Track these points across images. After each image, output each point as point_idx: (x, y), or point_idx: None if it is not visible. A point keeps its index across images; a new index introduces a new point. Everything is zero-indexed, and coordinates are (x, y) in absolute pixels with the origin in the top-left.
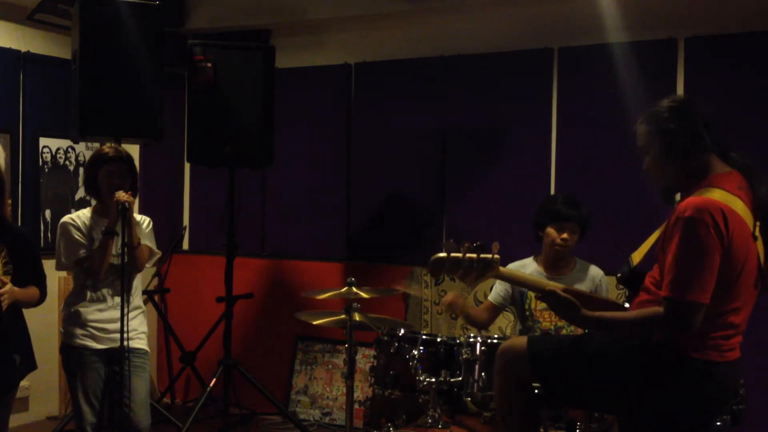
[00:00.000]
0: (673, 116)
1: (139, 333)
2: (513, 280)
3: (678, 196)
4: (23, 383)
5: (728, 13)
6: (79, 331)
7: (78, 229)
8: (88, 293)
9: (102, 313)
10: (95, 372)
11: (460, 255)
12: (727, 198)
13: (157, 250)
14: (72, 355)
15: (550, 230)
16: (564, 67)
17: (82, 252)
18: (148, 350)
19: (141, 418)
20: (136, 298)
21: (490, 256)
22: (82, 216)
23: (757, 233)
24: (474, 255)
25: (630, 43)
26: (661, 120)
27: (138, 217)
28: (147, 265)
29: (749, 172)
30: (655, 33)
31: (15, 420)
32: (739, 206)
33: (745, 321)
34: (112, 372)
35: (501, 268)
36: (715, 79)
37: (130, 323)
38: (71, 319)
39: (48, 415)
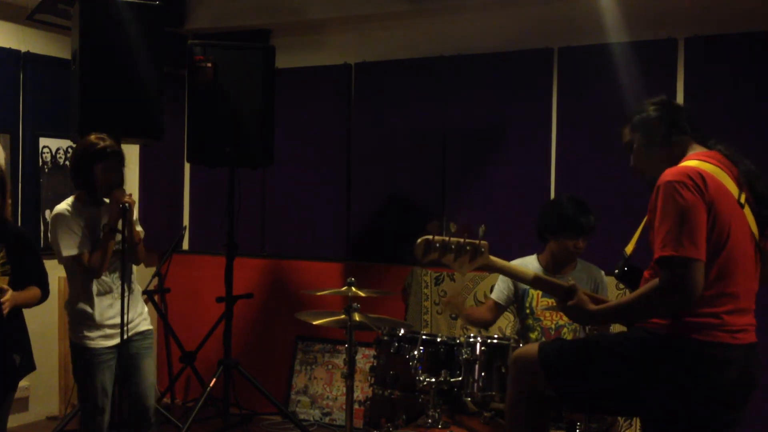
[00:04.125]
0: (652, 108)
1: (144, 314)
2: (505, 271)
3: None
4: (23, 383)
5: (728, 13)
6: (92, 333)
7: (74, 221)
8: (94, 287)
9: (112, 309)
10: (110, 369)
11: (446, 238)
12: (703, 165)
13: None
14: (84, 356)
15: (566, 240)
16: (564, 67)
17: (83, 247)
18: (152, 328)
19: (149, 399)
20: (135, 284)
21: (477, 241)
22: (71, 207)
23: (743, 200)
24: (460, 239)
25: (630, 43)
26: (641, 112)
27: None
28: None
29: (729, 151)
30: (655, 33)
31: (15, 420)
32: (718, 173)
33: (748, 295)
34: (123, 361)
35: (491, 257)
36: (715, 79)
37: (136, 309)
38: (82, 320)
39: (48, 415)
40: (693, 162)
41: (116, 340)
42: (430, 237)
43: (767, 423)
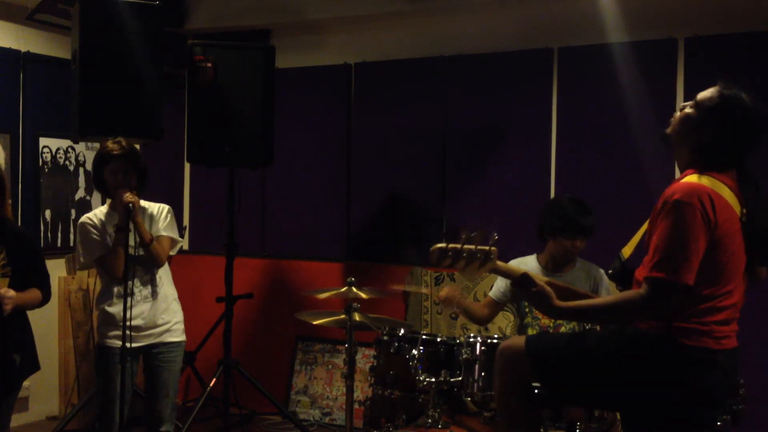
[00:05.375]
0: (729, 121)
1: (173, 324)
2: (506, 275)
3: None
4: (23, 383)
5: (728, 13)
6: (110, 332)
7: (95, 227)
8: (116, 289)
9: (133, 310)
10: (126, 372)
11: (458, 246)
12: (714, 184)
13: (179, 238)
14: (104, 356)
15: (565, 240)
16: (564, 67)
17: (100, 251)
18: (183, 339)
19: (163, 412)
20: (164, 287)
21: (487, 247)
22: (99, 213)
23: (744, 218)
24: (472, 246)
25: (630, 43)
26: (724, 112)
27: (155, 207)
28: (171, 253)
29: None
30: (655, 33)
31: (15, 420)
32: (726, 192)
33: (738, 306)
34: (143, 366)
35: (498, 262)
36: (715, 79)
37: (163, 315)
38: (103, 319)
39: (48, 415)
40: (705, 180)
41: (137, 344)
42: (444, 245)
43: (767, 422)
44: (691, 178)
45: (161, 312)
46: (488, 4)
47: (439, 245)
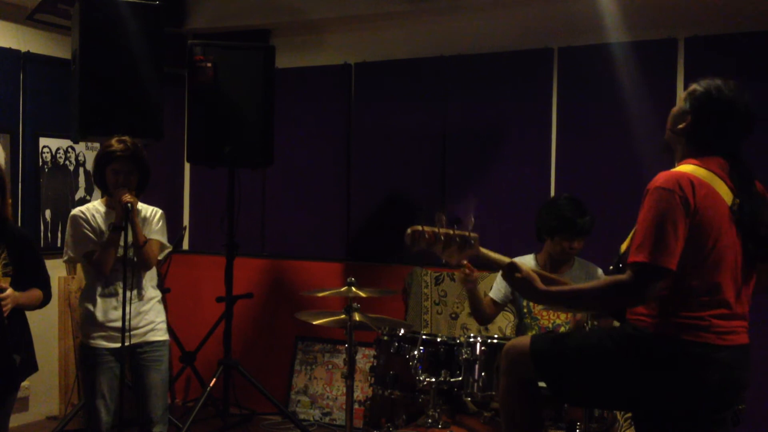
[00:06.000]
0: (719, 113)
1: (157, 324)
2: (492, 263)
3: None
4: (23, 383)
5: (728, 13)
6: (94, 332)
7: (87, 222)
8: (99, 288)
9: (117, 311)
10: (111, 371)
11: (435, 228)
12: (697, 171)
13: (168, 244)
14: (88, 355)
15: (563, 241)
16: (564, 67)
17: (90, 246)
18: (167, 338)
19: (153, 412)
20: (149, 290)
21: (467, 233)
22: (92, 209)
23: (737, 208)
24: (450, 230)
25: (630, 43)
26: (703, 98)
27: (149, 210)
28: (159, 258)
29: (733, 158)
30: (655, 33)
31: (15, 420)
32: (717, 182)
33: (739, 301)
34: (130, 367)
35: (482, 249)
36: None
37: (146, 316)
38: (86, 319)
39: (48, 415)
40: (688, 167)
41: (120, 344)
42: (420, 227)
43: (767, 422)
44: (678, 168)
45: (145, 313)
46: (488, 4)
47: (415, 227)
